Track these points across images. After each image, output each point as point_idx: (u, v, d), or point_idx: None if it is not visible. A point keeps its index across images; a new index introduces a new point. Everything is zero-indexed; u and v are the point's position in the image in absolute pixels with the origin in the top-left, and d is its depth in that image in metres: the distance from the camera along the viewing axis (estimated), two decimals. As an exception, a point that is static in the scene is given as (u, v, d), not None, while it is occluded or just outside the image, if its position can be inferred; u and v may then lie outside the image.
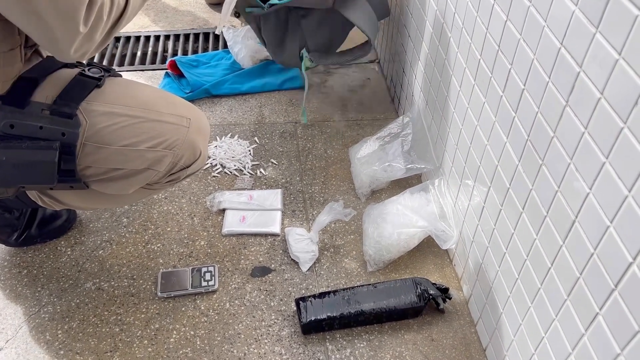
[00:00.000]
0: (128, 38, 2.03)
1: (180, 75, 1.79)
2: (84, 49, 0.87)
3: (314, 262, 1.30)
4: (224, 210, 1.41)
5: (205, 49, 1.99)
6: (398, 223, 1.26)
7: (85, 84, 1.01)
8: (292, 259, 1.30)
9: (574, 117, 0.76)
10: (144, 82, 1.82)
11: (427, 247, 1.32)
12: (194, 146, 1.10)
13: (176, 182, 1.13)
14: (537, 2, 0.83)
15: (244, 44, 1.81)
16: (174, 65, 1.77)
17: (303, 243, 1.30)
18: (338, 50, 1.60)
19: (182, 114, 1.08)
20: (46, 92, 0.98)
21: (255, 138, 1.63)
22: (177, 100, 1.12)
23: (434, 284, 1.19)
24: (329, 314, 1.14)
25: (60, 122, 0.97)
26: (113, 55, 1.95)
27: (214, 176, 1.51)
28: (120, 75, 1.10)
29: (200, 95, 1.74)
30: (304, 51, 1.57)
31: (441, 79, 1.28)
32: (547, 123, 0.84)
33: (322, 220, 1.30)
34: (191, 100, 1.72)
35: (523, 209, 0.93)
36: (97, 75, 1.03)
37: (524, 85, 0.89)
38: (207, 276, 1.25)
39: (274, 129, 1.66)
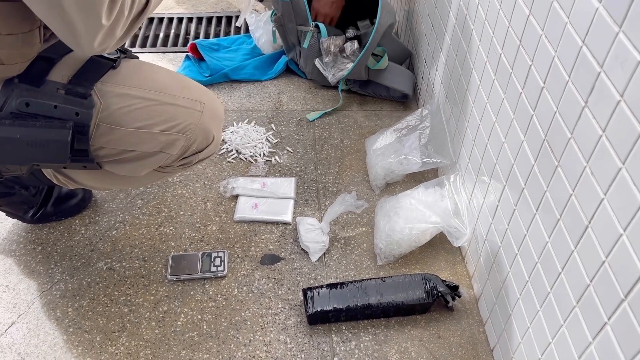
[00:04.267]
0: (151, 19, 2.03)
1: (200, 58, 1.79)
2: (105, 44, 0.86)
3: (324, 253, 1.29)
4: (237, 196, 1.41)
5: (227, 33, 1.98)
6: (410, 217, 1.24)
7: (100, 64, 1.01)
8: (302, 249, 1.30)
9: (592, 119, 0.73)
10: (165, 64, 1.82)
11: (439, 243, 1.30)
12: (207, 131, 1.09)
13: (189, 166, 1.13)
14: (562, -2, 0.81)
15: (265, 29, 1.79)
16: (194, 49, 1.77)
17: (314, 233, 1.29)
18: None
19: (196, 98, 1.08)
20: (62, 72, 0.98)
21: (272, 125, 1.62)
22: (192, 84, 1.11)
23: (443, 281, 1.18)
24: (335, 306, 1.13)
25: (75, 102, 0.97)
26: (136, 37, 1.96)
27: (229, 162, 1.51)
28: (137, 57, 1.10)
29: (220, 79, 1.74)
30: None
31: (462, 72, 1.25)
32: (564, 123, 0.81)
33: (334, 211, 1.29)
34: (210, 84, 1.72)
35: (537, 210, 0.91)
36: (112, 57, 1.03)
37: (544, 83, 0.87)
38: (217, 261, 1.25)
39: (291, 117, 1.65)
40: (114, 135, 1.02)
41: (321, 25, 1.67)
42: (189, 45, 1.78)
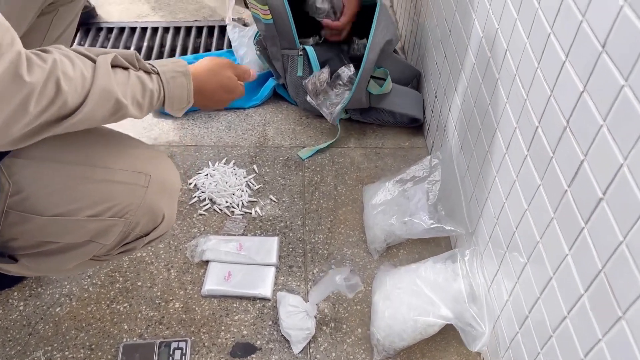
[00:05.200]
0: (122, 29, 1.78)
1: (174, 80, 1.54)
2: None
3: (309, 342, 1.06)
4: (207, 262, 1.17)
5: (208, 47, 1.72)
6: (415, 305, 1.01)
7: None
8: (282, 335, 1.07)
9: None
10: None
11: (450, 330, 1.07)
12: (155, 210, 0.86)
13: (132, 252, 0.90)
14: (612, 49, 0.56)
15: (250, 46, 1.54)
16: (166, 71, 1.51)
17: (297, 317, 1.06)
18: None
19: (140, 169, 0.84)
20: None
21: (255, 166, 1.37)
22: (136, 150, 0.87)
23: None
24: None
25: (-27, 186, 0.74)
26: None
27: (201, 214, 1.27)
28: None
29: (195, 107, 1.49)
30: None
31: (482, 127, 1.00)
32: (613, 220, 0.57)
33: (322, 292, 1.05)
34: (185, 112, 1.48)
35: (568, 314, 0.67)
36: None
37: (604, 195, 0.62)
38: (177, 355, 1.03)
39: (277, 155, 1.41)
40: (29, 225, 0.78)
41: (309, 49, 1.41)
42: (160, 66, 1.53)
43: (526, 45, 0.82)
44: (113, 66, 0.75)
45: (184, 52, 1.70)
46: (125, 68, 0.78)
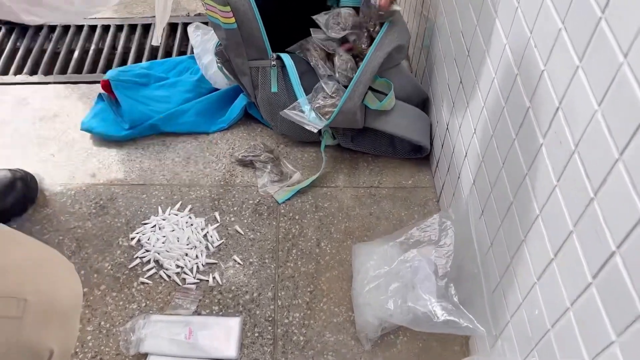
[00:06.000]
0: (66, 28, 1.47)
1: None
2: None
3: None
4: (146, 355, 0.90)
5: (169, 49, 1.42)
6: None
7: None
8: None
9: None
10: (73, 104, 1.28)
11: None
12: (35, 349, 0.57)
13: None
14: None
15: (217, 67, 1.23)
16: (109, 85, 1.21)
17: None
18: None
19: (12, 292, 0.56)
20: None
21: (217, 213, 1.09)
22: (7, 260, 0.59)
23: None
24: None
25: None
26: (38, 60, 1.39)
27: (143, 283, 0.99)
28: None
29: (146, 132, 1.20)
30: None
31: (515, 202, 0.71)
32: None
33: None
34: (131, 139, 1.19)
35: None
36: None
37: None
38: None
39: (246, 197, 1.12)
40: None
41: (286, 58, 1.11)
42: (101, 80, 1.23)
43: (578, 71, 0.52)
44: None
45: (138, 56, 1.39)
46: None
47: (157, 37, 1.04)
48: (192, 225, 1.06)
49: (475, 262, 0.85)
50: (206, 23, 1.33)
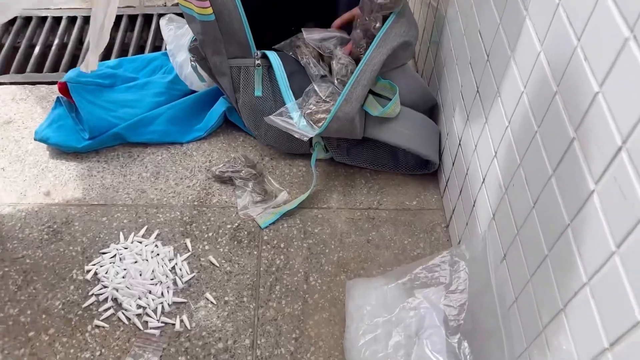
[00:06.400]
0: (28, 20, 1.30)
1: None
2: None
3: None
4: (95, 420, 0.75)
5: (142, 44, 1.25)
6: None
7: None
8: None
9: None
10: (31, 107, 1.12)
11: None
12: None
13: None
14: None
15: (191, 66, 1.06)
16: (67, 88, 1.05)
17: None
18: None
19: None
20: None
21: (188, 240, 0.93)
22: None
23: None
24: None
25: None
26: None
27: (98, 327, 0.84)
28: None
29: (110, 142, 1.04)
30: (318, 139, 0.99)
31: (545, 242, 0.55)
32: None
33: None
34: (92, 149, 1.03)
35: None
36: None
37: None
38: None
39: (223, 221, 0.96)
40: None
41: (272, 56, 0.95)
42: (59, 82, 1.06)
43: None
44: None
45: (107, 53, 1.23)
46: None
47: (91, 63, 0.87)
48: (158, 255, 0.91)
49: (494, 317, 0.69)
50: (181, 14, 1.16)
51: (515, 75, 0.63)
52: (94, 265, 0.90)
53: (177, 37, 1.09)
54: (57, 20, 1.30)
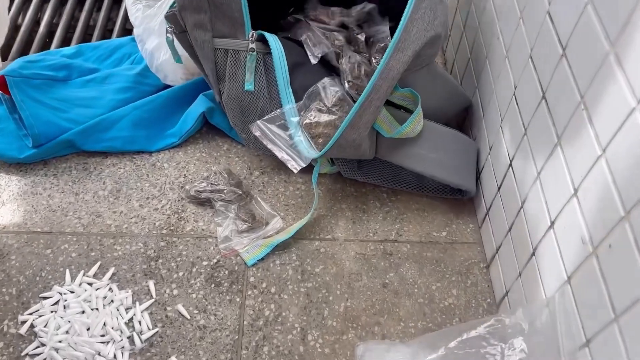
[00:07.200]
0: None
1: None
2: None
3: None
4: None
5: (108, 29, 1.04)
6: None
7: None
8: None
9: None
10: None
11: None
12: None
13: None
14: None
15: (163, 36, 0.84)
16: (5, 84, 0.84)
17: None
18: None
19: None
20: None
21: (151, 283, 0.72)
22: None
23: None
24: None
25: None
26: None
27: (28, 404, 0.64)
28: None
29: (61, 151, 0.83)
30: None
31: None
32: None
33: None
34: (39, 160, 0.82)
35: None
36: None
37: None
38: None
39: (198, 256, 0.75)
40: None
41: (272, 40, 0.74)
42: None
43: None
44: None
45: (66, 40, 1.01)
46: None
47: None
48: (111, 302, 0.70)
49: None
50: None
51: (620, 81, 0.41)
52: (30, 314, 0.70)
53: (146, 18, 0.87)
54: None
